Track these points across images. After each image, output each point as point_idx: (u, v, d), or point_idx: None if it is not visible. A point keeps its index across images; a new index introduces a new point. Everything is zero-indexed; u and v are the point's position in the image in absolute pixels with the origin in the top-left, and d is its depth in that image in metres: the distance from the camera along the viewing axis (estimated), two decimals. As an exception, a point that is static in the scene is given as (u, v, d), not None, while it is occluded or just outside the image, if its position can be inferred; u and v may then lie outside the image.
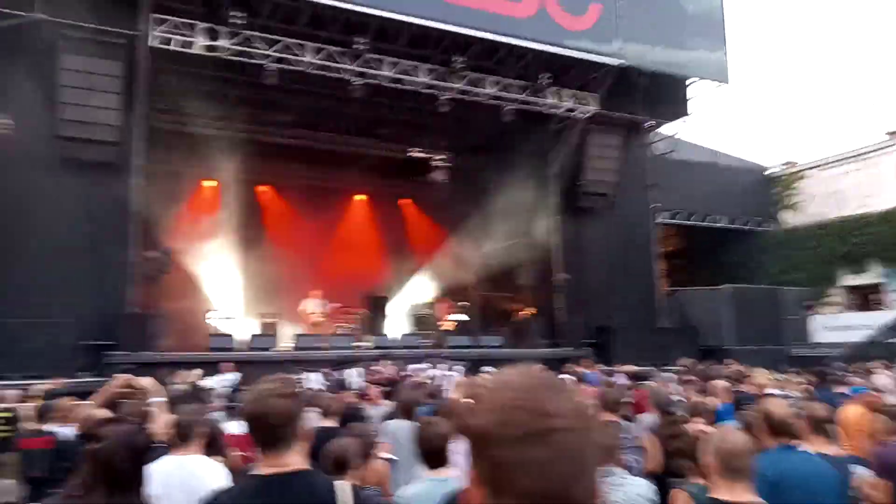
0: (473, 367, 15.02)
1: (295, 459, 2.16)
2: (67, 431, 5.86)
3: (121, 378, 3.93)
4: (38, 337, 12.53)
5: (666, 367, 13.90)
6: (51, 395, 9.62)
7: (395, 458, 4.74)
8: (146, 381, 3.93)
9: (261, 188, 20.54)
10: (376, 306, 20.05)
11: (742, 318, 19.33)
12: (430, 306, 21.05)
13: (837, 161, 21.10)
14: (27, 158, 13.34)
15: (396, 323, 20.41)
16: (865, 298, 19.60)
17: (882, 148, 20.14)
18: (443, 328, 19.55)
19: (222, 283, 18.42)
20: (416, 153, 22.50)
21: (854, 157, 20.71)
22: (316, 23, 14.75)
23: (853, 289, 20.37)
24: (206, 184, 19.64)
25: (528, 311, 19.37)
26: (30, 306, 12.74)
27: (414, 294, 21.65)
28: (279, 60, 13.83)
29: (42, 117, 13.35)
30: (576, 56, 15.63)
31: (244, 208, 19.34)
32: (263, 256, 19.07)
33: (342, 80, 18.20)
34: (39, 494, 5.47)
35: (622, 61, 15.90)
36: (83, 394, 7.12)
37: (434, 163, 23.80)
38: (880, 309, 18.64)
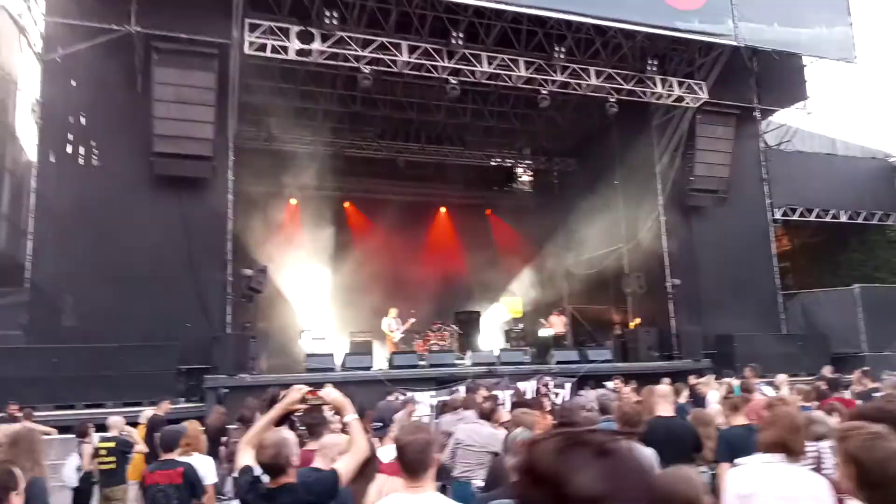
0: (580, 382, 13.89)
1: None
2: (199, 462, 5.04)
3: (295, 391, 3.07)
4: (140, 362, 12.08)
5: (796, 377, 12.39)
6: (154, 422, 9.04)
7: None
8: (331, 393, 3.07)
9: (346, 204, 19.96)
10: (468, 322, 19.12)
11: (874, 321, 17.39)
12: (526, 320, 19.95)
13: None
14: (122, 177, 13.05)
15: (489, 338, 19.40)
16: None
17: None
18: (543, 342, 18.38)
19: (312, 302, 17.83)
20: (503, 161, 21.67)
21: None
22: (404, 25, 14.07)
23: None
24: (292, 201, 19.20)
25: (636, 322, 17.94)
26: (129, 329, 12.34)
27: (506, 308, 20.55)
28: (373, 62, 13.10)
29: (136, 135, 13.05)
30: (686, 38, 14.34)
31: (330, 224, 18.79)
32: (351, 273, 18.46)
33: (430, 88, 17.69)
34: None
35: (736, 42, 14.49)
36: (183, 420, 6.41)
37: (520, 169, 22.95)
38: None
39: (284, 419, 3.19)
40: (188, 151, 12.78)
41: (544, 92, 14.32)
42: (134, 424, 9.14)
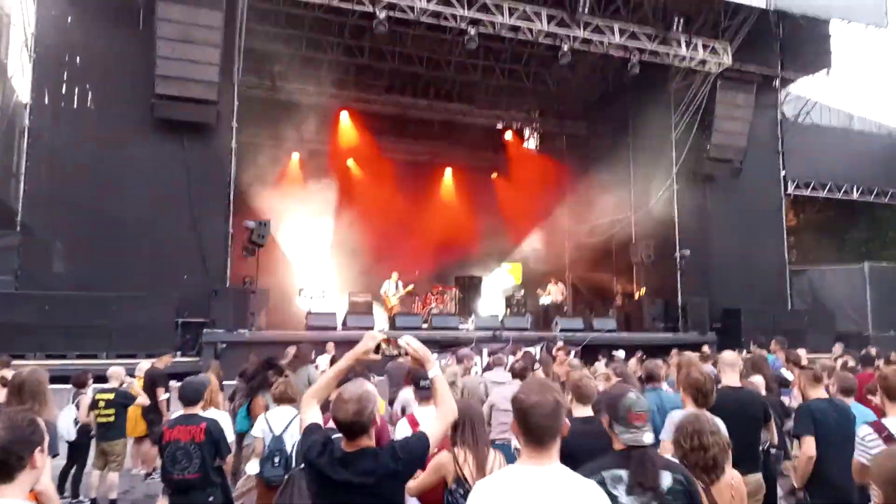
0: (585, 351, 13.56)
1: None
2: (220, 418, 4.61)
3: (370, 338, 2.63)
4: (136, 313, 11.58)
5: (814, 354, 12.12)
6: (153, 375, 8.61)
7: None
8: (412, 342, 2.63)
9: (350, 160, 19.31)
10: (470, 286, 18.74)
11: (881, 301, 17.24)
12: (529, 286, 19.60)
13: None
14: (120, 120, 12.39)
15: (490, 304, 19.06)
16: None
17: None
18: (543, 310, 18.08)
19: (312, 259, 17.35)
20: (511, 122, 21.07)
21: None
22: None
23: None
24: (295, 154, 18.57)
25: (641, 292, 17.62)
26: (124, 278, 11.82)
27: (510, 273, 20.17)
28: (389, 7, 12.40)
29: (136, 75, 12.35)
30: (716, -3, 13.73)
31: (333, 181, 18.19)
32: (352, 232, 17.94)
33: (441, 42, 16.99)
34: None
35: (765, 6, 13.89)
36: (183, 374, 5.97)
37: (528, 132, 22.37)
38: None
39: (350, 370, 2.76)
40: (192, 94, 12.11)
41: (565, 48, 13.69)
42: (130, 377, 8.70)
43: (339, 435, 2.46)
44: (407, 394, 5.53)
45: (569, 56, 13.80)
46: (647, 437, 2.44)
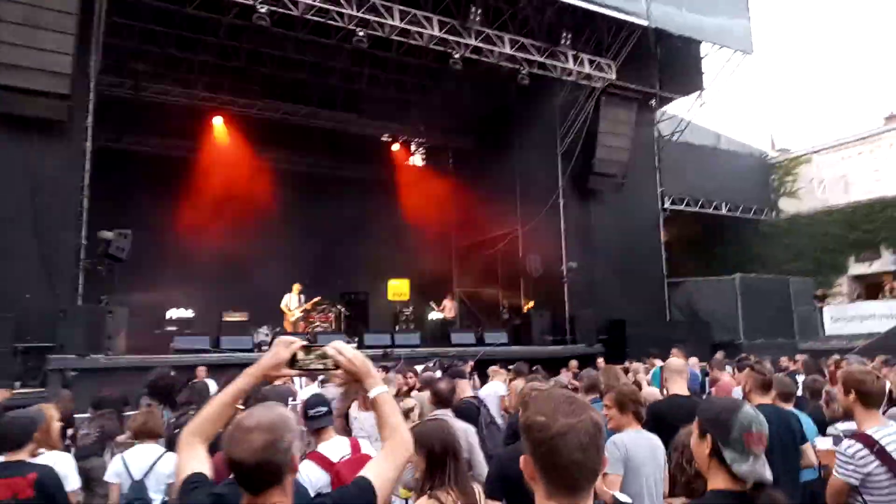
0: (479, 366, 13.15)
1: None
2: (57, 461, 3.59)
3: (282, 345, 1.87)
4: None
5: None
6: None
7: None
8: (346, 350, 1.90)
9: (223, 167, 17.85)
10: (355, 303, 17.89)
11: (751, 310, 18.15)
12: (417, 302, 19.03)
13: (840, 145, 20.25)
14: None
15: (378, 320, 18.30)
16: (877, 287, 18.72)
17: (887, 131, 19.40)
18: (433, 326, 17.58)
19: (181, 275, 15.81)
20: (397, 134, 20.55)
21: (859, 140, 19.90)
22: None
23: (861, 277, 19.51)
24: (162, 160, 16.92)
25: (529, 305, 17.55)
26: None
27: (396, 289, 19.48)
28: (273, 2, 11.45)
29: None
30: (601, 13, 13.93)
31: (204, 190, 16.75)
32: (228, 246, 16.59)
33: (324, 47, 16.16)
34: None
35: (648, 23, 14.31)
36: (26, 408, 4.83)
37: (414, 145, 21.97)
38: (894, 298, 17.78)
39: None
40: (39, 87, 10.53)
41: (456, 56, 13.34)
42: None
43: (234, 484, 1.68)
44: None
45: (459, 64, 13.46)
46: (768, 472, 1.84)
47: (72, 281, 11.57)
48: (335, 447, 3.66)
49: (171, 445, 5.06)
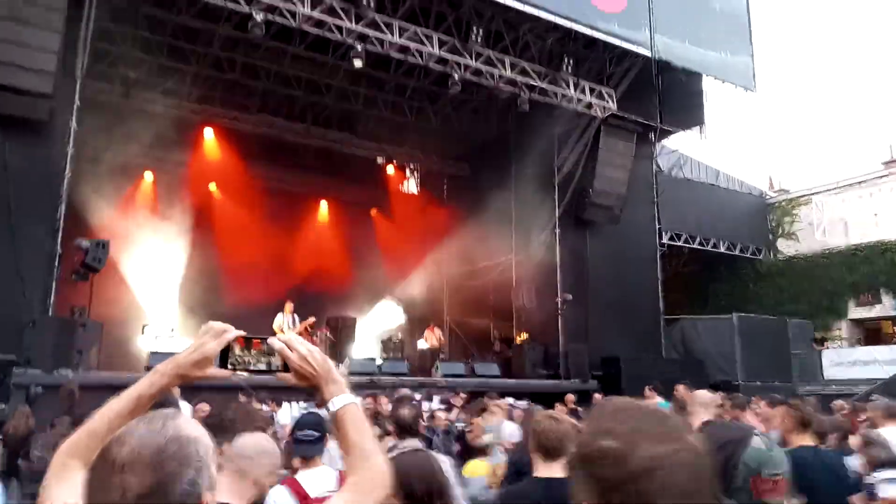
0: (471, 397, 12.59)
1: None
2: None
3: (209, 335, 1.37)
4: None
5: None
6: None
7: None
8: (293, 341, 1.40)
9: (211, 183, 17.40)
10: (343, 328, 17.28)
11: (749, 351, 17.67)
12: (406, 330, 18.47)
13: (840, 187, 20.09)
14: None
15: (365, 347, 17.67)
16: (877, 332, 18.33)
17: (887, 175, 19.24)
18: (423, 354, 16.97)
19: (161, 290, 15.21)
20: (391, 158, 20.19)
21: (858, 183, 19.73)
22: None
23: (861, 322, 19.13)
24: (147, 173, 16.45)
25: (523, 337, 17.01)
26: None
27: (386, 315, 18.92)
28: (269, 10, 11.10)
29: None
30: (605, 41, 13.71)
31: (190, 204, 16.26)
32: (212, 264, 16.04)
33: (321, 66, 15.88)
34: None
35: (650, 53, 14.09)
36: None
37: (409, 170, 21.63)
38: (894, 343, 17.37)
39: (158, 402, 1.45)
40: (20, 84, 10.06)
41: (456, 77, 13.02)
42: None
43: None
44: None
45: (459, 86, 13.13)
46: None
47: (43, 290, 10.98)
48: (318, 479, 3.09)
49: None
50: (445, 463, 3.62)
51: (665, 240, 18.11)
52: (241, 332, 1.45)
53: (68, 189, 11.46)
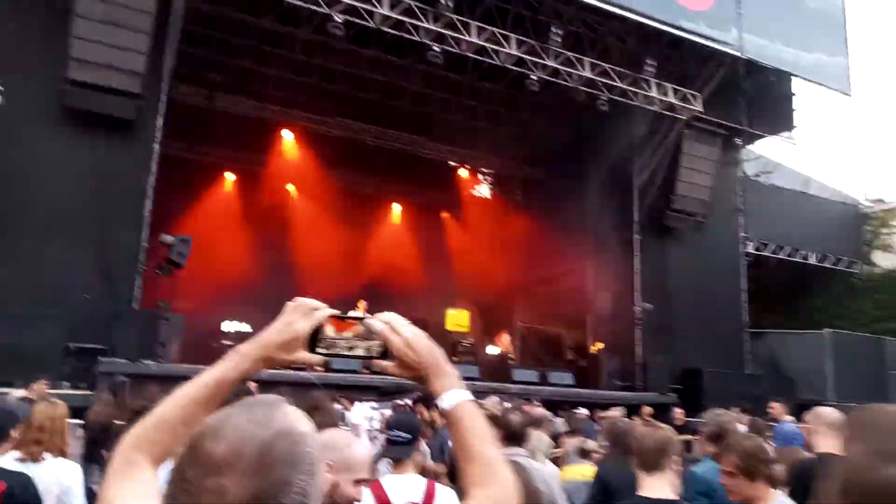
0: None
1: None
2: (57, 470, 3.02)
3: (302, 311, 1.18)
4: (17, 332, 9.59)
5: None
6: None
7: None
8: (395, 320, 1.23)
9: (290, 184, 17.74)
10: (412, 330, 17.22)
11: (841, 370, 16.58)
12: (476, 334, 18.28)
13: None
14: (22, 106, 10.58)
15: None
16: None
17: None
18: (493, 360, 16.74)
19: (239, 287, 15.55)
20: (465, 161, 20.07)
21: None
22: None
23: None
24: (229, 174, 16.91)
25: (598, 346, 16.50)
26: (8, 292, 9.84)
27: (456, 319, 18.77)
28: (349, 11, 11.16)
29: (46, 58, 10.65)
30: (690, 40, 13.16)
31: (269, 205, 16.61)
32: (287, 262, 16.31)
33: (397, 69, 15.93)
34: None
35: (739, 53, 13.43)
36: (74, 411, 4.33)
37: (482, 174, 21.45)
38: None
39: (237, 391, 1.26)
40: (111, 84, 10.47)
41: (534, 77, 12.75)
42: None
43: None
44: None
45: (536, 86, 12.85)
46: None
47: (129, 283, 11.36)
48: (405, 487, 2.86)
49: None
50: (553, 477, 3.38)
51: (751, 249, 17.23)
52: (335, 311, 1.25)
53: (155, 185, 11.82)
